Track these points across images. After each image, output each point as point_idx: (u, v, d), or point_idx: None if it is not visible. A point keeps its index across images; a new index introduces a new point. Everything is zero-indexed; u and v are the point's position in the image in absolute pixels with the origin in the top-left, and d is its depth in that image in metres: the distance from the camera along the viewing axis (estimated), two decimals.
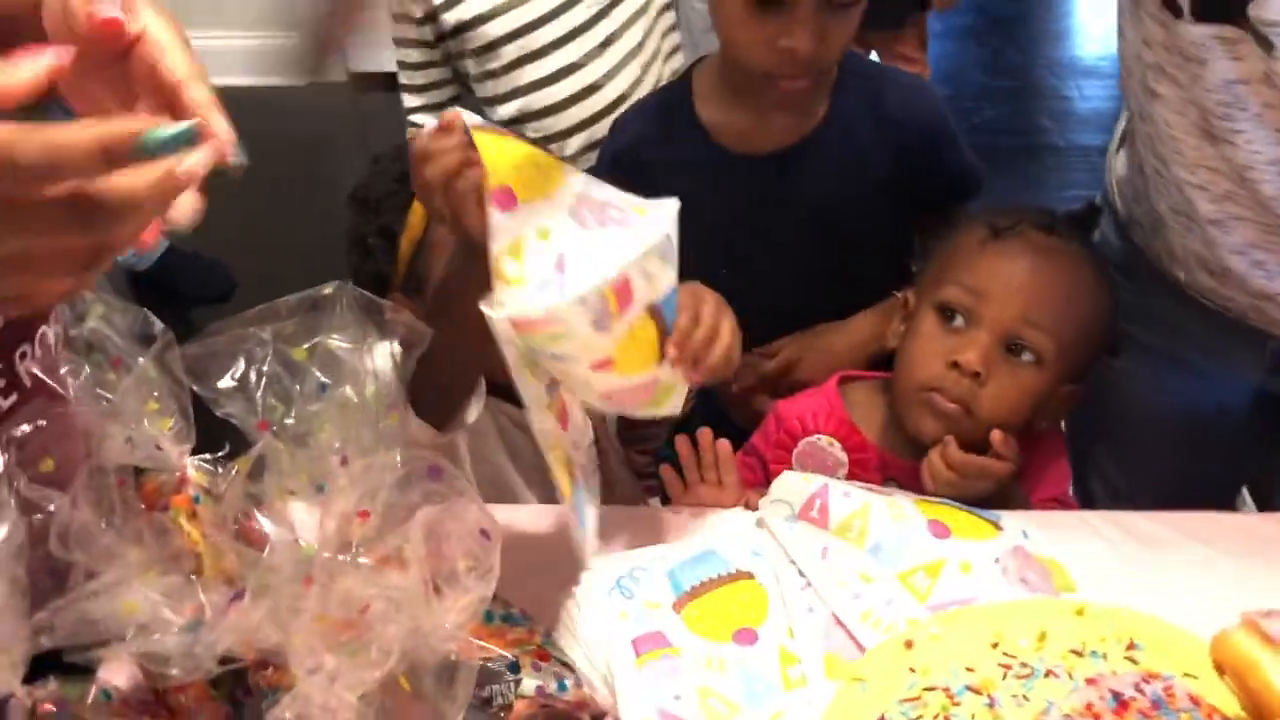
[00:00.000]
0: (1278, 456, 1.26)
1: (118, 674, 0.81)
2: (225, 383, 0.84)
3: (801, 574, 1.00)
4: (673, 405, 1.00)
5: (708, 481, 1.15)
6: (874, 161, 1.33)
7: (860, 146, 1.32)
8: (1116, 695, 0.65)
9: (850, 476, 1.18)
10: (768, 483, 1.11)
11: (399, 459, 0.79)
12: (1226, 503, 1.10)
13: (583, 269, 0.87)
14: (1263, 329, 1.11)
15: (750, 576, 1.01)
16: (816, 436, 1.18)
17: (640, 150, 1.37)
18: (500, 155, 0.89)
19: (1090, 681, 0.68)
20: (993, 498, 1.08)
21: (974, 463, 1.07)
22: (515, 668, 0.83)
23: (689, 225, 1.34)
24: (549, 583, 1.01)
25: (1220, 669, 0.70)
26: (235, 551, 0.74)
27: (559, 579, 1.02)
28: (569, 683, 0.88)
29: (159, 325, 0.82)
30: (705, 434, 1.16)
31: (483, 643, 0.83)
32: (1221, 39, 0.95)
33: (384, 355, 0.89)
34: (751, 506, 1.09)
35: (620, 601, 0.99)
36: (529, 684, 0.84)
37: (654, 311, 0.92)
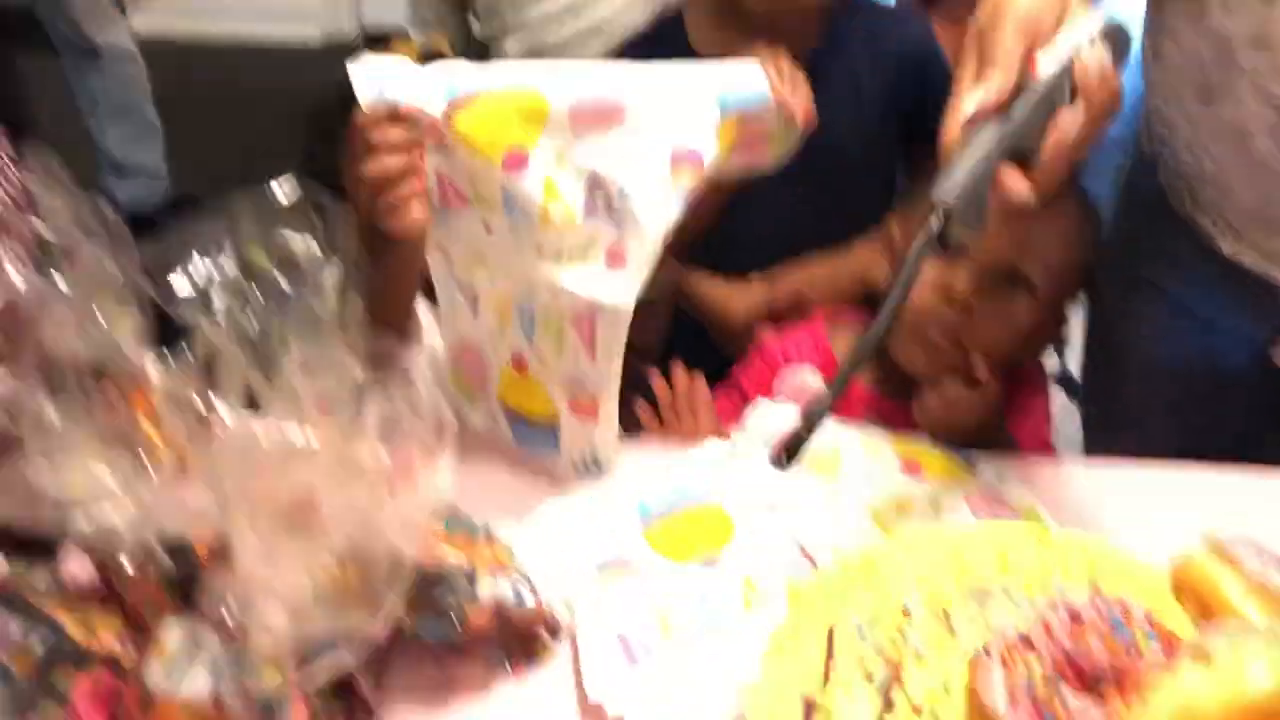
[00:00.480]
0: (1273, 416, 1.25)
1: (73, 563, 0.81)
2: (182, 284, 0.83)
3: (770, 503, 0.99)
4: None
5: (682, 418, 1.13)
6: (870, 90, 1.32)
7: (856, 75, 1.32)
8: (1073, 613, 0.64)
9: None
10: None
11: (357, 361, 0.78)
12: (1223, 459, 1.08)
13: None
14: (1271, 284, 1.10)
15: (718, 506, 1.00)
16: (800, 366, 1.17)
17: None
18: (491, 127, 0.90)
19: (1048, 601, 0.66)
20: (979, 437, 1.07)
21: (965, 396, 1.05)
22: (471, 576, 0.82)
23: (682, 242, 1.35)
24: (514, 502, 1.01)
25: (1179, 591, 0.69)
26: (187, 436, 0.73)
27: (525, 501, 1.02)
28: (526, 595, 0.87)
29: (111, 216, 0.81)
30: (679, 370, 1.15)
31: (438, 547, 0.82)
32: None
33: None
34: (725, 437, 1.08)
35: (585, 526, 0.98)
36: (485, 592, 0.83)
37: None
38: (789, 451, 0.77)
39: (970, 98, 0.75)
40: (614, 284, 0.97)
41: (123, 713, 0.72)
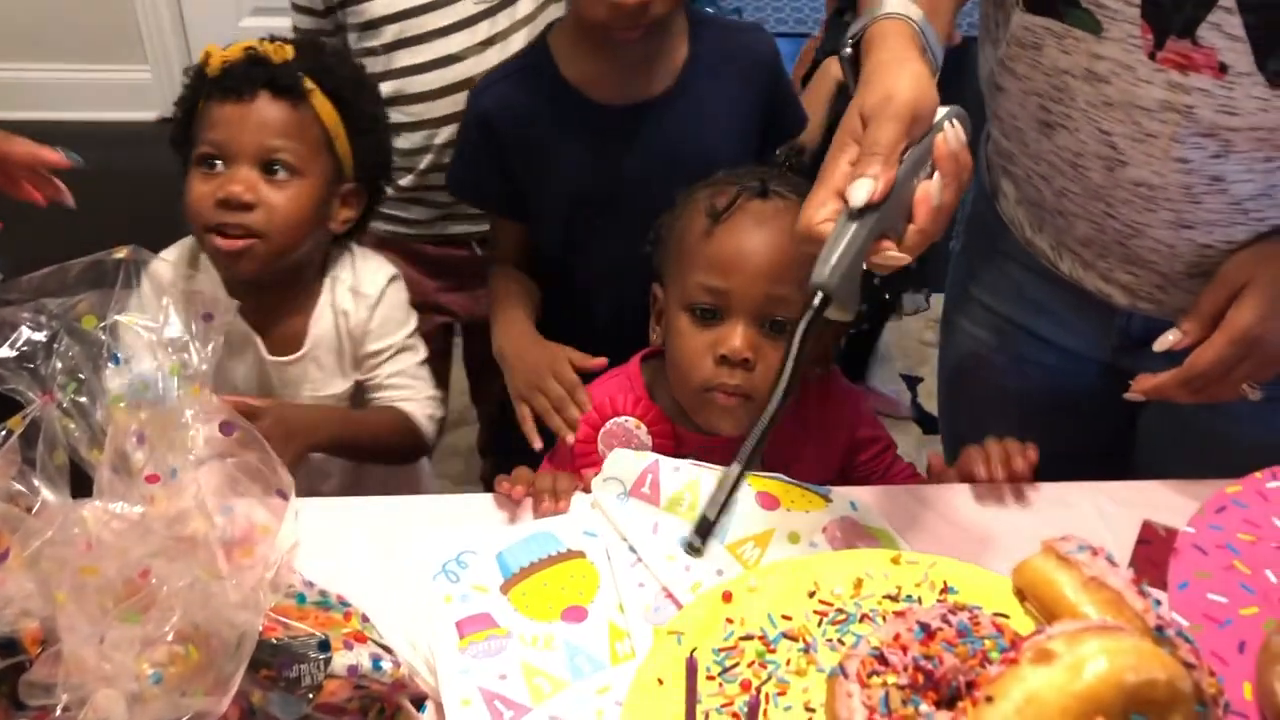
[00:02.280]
0: (1125, 430, 1.30)
1: None
2: (4, 352, 0.79)
3: (632, 550, 0.99)
4: None
5: (542, 500, 1.10)
6: (734, 105, 1.37)
7: (721, 91, 1.36)
8: (924, 626, 0.65)
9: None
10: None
11: (191, 422, 0.75)
12: (1078, 475, 1.13)
13: None
14: (1109, 305, 1.15)
15: (581, 555, 1.00)
16: (624, 418, 1.17)
17: (510, 111, 1.37)
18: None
19: (899, 614, 0.68)
20: None
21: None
22: (325, 646, 0.79)
23: (560, 178, 1.36)
24: (369, 571, 0.98)
25: (1021, 595, 0.71)
26: (5, 521, 0.69)
27: (379, 567, 0.99)
28: (385, 663, 0.84)
29: None
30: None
31: (287, 620, 0.79)
32: (1050, 30, 0.99)
33: (180, 327, 0.85)
34: (586, 487, 1.07)
35: (445, 585, 0.96)
36: (340, 663, 0.80)
37: None
38: (700, 534, 0.77)
39: (859, 190, 0.79)
40: None
41: None
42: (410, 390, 1.39)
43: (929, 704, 0.62)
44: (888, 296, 2.56)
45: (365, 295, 1.38)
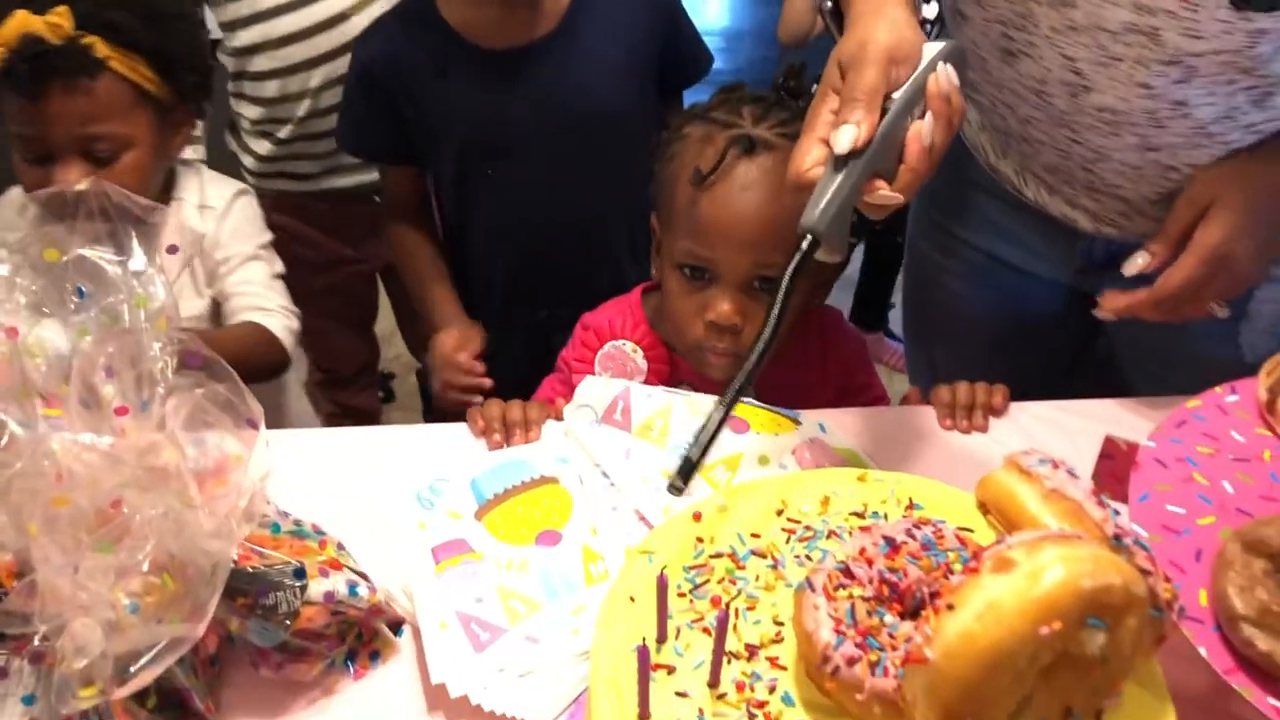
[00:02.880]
0: (1087, 352, 1.32)
1: None
2: None
3: (605, 475, 1.00)
4: None
5: (514, 433, 1.10)
6: (626, 47, 1.36)
7: (609, 33, 1.35)
8: (889, 540, 0.66)
9: (648, 383, 1.18)
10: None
11: (160, 354, 0.75)
12: (1041, 395, 1.14)
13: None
14: (1073, 229, 1.16)
15: (555, 481, 1.01)
16: (621, 341, 1.17)
17: (394, 59, 1.36)
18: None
19: (865, 530, 0.69)
20: None
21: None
22: (301, 573, 0.80)
23: (446, 126, 1.35)
24: (344, 501, 0.98)
25: (985, 509, 0.72)
26: None
27: (354, 497, 0.99)
28: (361, 589, 0.85)
29: None
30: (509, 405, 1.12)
31: (262, 549, 0.80)
32: None
33: (144, 260, 0.84)
34: (558, 414, 1.08)
35: (420, 513, 0.97)
36: (316, 590, 0.81)
37: None
38: (682, 476, 0.77)
39: (843, 136, 0.78)
40: None
41: None
42: (263, 299, 1.36)
43: (894, 615, 0.63)
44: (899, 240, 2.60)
45: (212, 208, 1.36)
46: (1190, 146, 1.00)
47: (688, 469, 0.78)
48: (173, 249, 0.87)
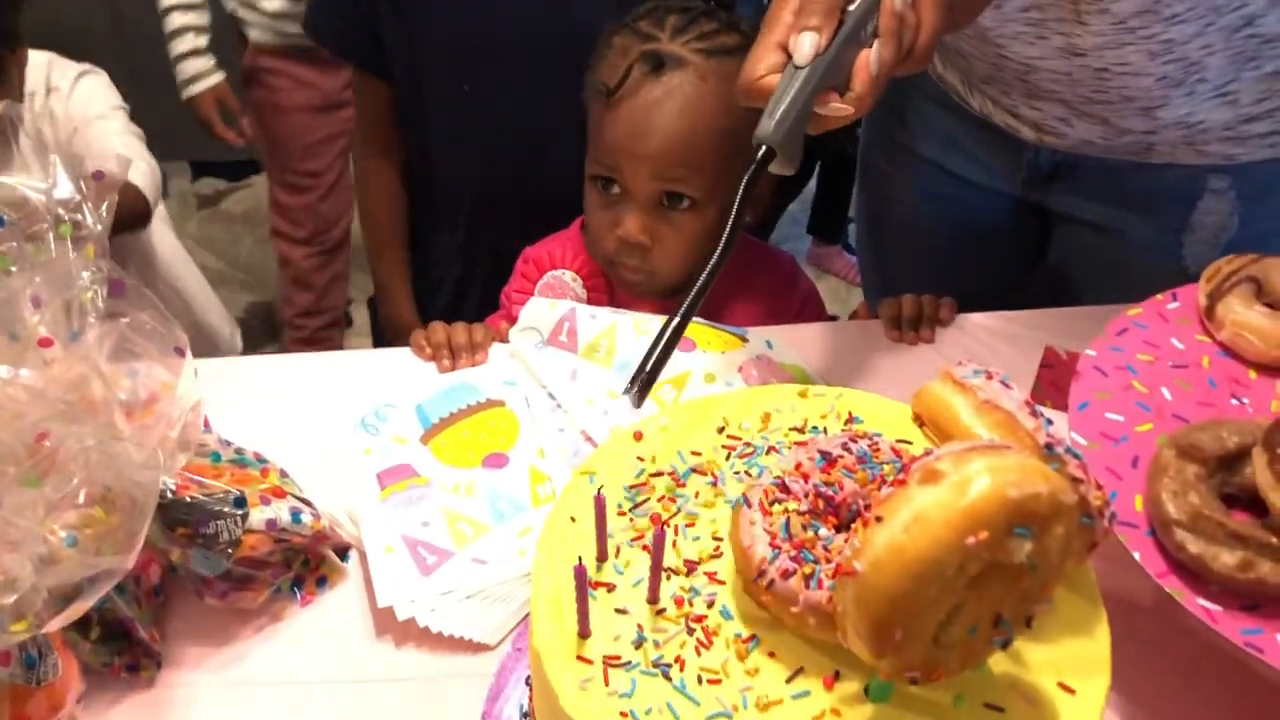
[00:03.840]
0: (1037, 264, 1.32)
1: None
2: None
3: (551, 396, 0.99)
4: None
5: (460, 357, 1.09)
6: None
7: None
8: (825, 454, 0.66)
9: None
10: None
11: (90, 283, 0.73)
12: (989, 307, 1.14)
13: None
14: (1018, 140, 1.15)
15: (501, 404, 1.00)
16: (561, 271, 1.16)
17: None
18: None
19: (801, 444, 0.69)
20: None
21: None
22: (241, 502, 0.80)
23: (425, 27, 1.31)
24: (288, 428, 0.97)
25: (920, 421, 0.73)
26: None
27: (298, 424, 0.99)
28: (305, 516, 0.84)
29: None
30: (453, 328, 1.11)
31: (201, 478, 0.79)
32: None
33: (70, 188, 0.82)
34: (503, 337, 1.07)
35: (364, 438, 0.96)
36: (258, 518, 0.81)
37: None
38: (640, 391, 0.72)
39: (804, 43, 0.76)
40: None
41: None
42: (119, 149, 1.39)
43: (829, 528, 0.64)
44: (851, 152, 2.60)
45: (58, 89, 1.42)
46: (1116, 45, 0.99)
47: (644, 383, 0.73)
48: (98, 175, 0.85)
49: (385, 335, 1.53)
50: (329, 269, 2.30)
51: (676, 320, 0.68)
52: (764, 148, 0.77)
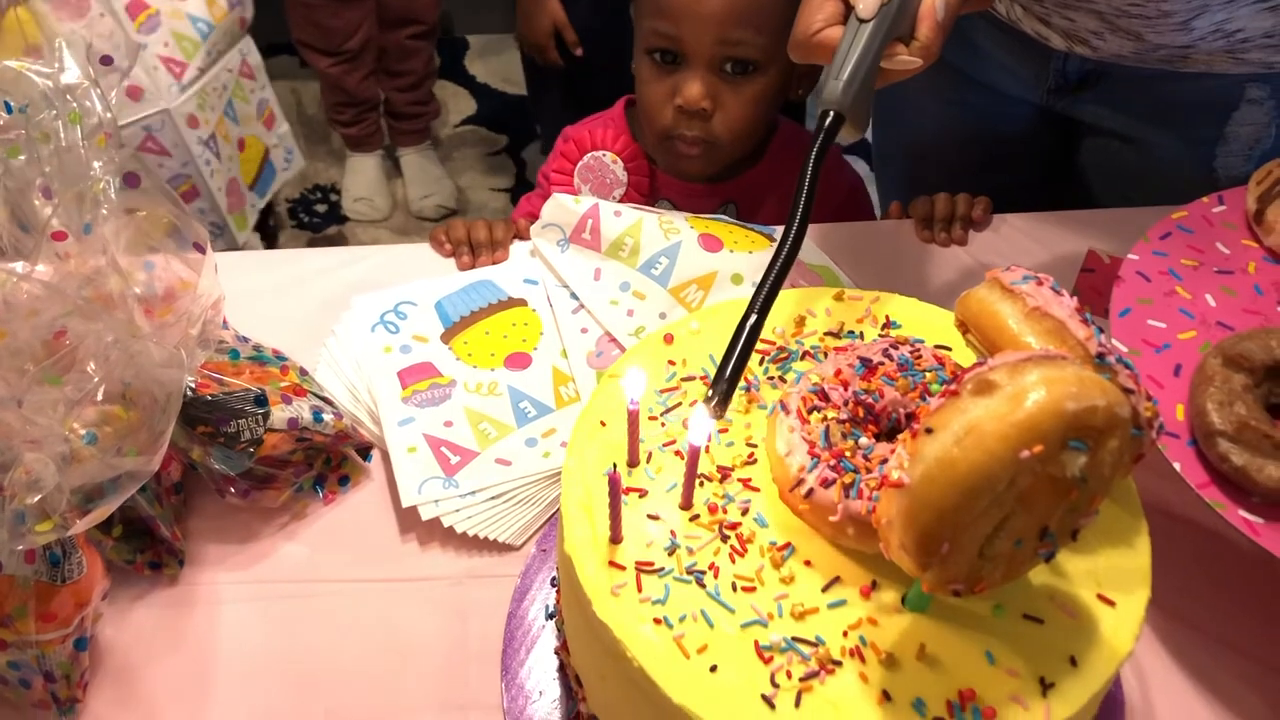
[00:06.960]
0: (1059, 174, 1.28)
1: None
2: None
3: (574, 296, 0.97)
4: None
5: (480, 254, 1.06)
6: None
7: None
8: (865, 361, 0.64)
9: (627, 198, 1.14)
10: None
11: (101, 173, 0.70)
12: (1008, 210, 1.11)
13: None
14: (1046, 48, 1.10)
15: (523, 303, 0.98)
16: (601, 152, 1.13)
17: None
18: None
19: (840, 350, 0.67)
20: None
21: None
22: (262, 400, 0.78)
23: None
24: (306, 325, 0.96)
25: (964, 327, 0.70)
26: None
27: (316, 320, 0.97)
28: (326, 415, 0.83)
29: None
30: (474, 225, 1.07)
31: (221, 376, 0.77)
32: None
33: (78, 73, 0.78)
34: (524, 235, 1.05)
35: (384, 336, 0.94)
36: (279, 417, 0.79)
37: None
38: (721, 400, 0.61)
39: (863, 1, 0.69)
40: None
41: None
42: None
43: (869, 437, 0.62)
44: None
45: None
46: None
47: (725, 390, 0.61)
48: (106, 60, 0.81)
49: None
50: (355, 74, 2.39)
51: (753, 319, 0.62)
52: (831, 114, 0.69)
